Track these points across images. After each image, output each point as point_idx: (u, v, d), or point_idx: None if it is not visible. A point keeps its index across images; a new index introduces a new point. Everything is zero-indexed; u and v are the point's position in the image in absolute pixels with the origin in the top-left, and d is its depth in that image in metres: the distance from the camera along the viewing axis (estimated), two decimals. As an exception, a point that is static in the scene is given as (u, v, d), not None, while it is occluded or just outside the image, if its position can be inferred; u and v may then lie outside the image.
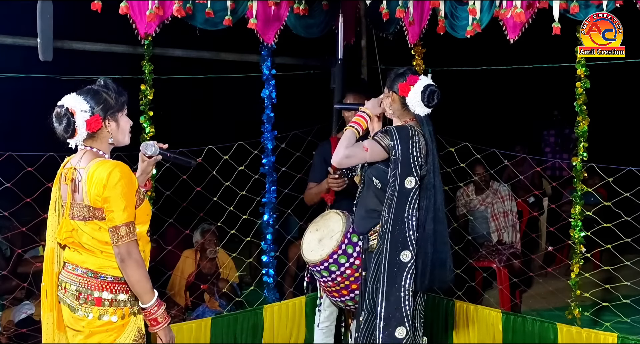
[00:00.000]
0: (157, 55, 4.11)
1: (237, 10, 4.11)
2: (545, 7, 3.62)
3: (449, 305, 4.65)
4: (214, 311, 4.92)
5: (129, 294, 2.70)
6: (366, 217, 3.30)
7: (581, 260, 4.03)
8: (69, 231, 2.70)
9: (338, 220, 3.44)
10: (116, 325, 2.68)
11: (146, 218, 2.78)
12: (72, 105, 2.65)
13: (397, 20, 4.46)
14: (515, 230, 5.52)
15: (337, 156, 3.16)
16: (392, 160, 3.16)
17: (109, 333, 2.67)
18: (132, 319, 2.72)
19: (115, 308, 2.67)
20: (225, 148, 4.45)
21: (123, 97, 2.77)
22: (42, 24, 3.47)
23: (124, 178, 2.62)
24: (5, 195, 3.80)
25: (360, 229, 3.35)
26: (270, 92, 4.53)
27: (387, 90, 3.32)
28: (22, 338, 4.18)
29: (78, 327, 2.68)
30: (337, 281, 3.49)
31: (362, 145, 3.17)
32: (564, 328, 4.10)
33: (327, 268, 3.47)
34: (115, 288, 2.68)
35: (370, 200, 3.29)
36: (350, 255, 3.43)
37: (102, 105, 2.69)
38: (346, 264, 3.43)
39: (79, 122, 2.65)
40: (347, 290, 3.49)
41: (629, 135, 8.89)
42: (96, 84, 2.76)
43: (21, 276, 4.45)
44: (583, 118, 3.97)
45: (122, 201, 2.60)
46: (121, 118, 2.76)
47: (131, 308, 2.72)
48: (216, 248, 5.27)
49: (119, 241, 2.60)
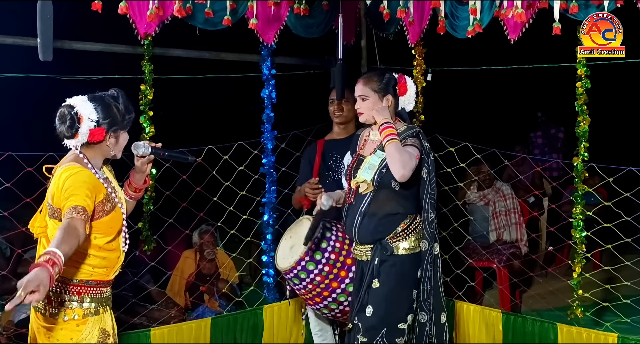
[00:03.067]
0: (157, 55, 4.11)
1: (237, 10, 4.11)
2: (545, 7, 3.62)
3: (449, 305, 4.64)
4: (213, 311, 4.92)
5: (82, 295, 2.68)
6: (385, 222, 3.21)
7: (583, 260, 4.02)
8: (43, 227, 2.72)
9: (308, 226, 3.39)
10: (69, 325, 2.67)
11: (110, 230, 2.74)
12: (82, 111, 2.64)
13: (397, 20, 4.47)
14: (520, 227, 5.49)
15: (406, 170, 3.02)
16: (428, 162, 3.24)
17: (63, 332, 2.67)
18: (90, 320, 2.71)
19: (65, 308, 2.67)
20: (225, 148, 4.45)
21: (130, 115, 2.78)
22: (42, 24, 3.47)
23: (79, 178, 2.59)
24: (5, 195, 3.79)
25: (376, 236, 3.22)
26: (270, 92, 4.53)
27: (380, 95, 3.26)
28: (22, 338, 4.16)
29: (41, 323, 2.70)
30: (308, 288, 3.51)
31: (414, 155, 3.11)
32: (564, 328, 4.09)
33: (297, 276, 3.49)
34: (67, 289, 2.67)
35: (387, 205, 3.21)
36: (318, 262, 3.44)
37: (110, 120, 2.69)
38: (315, 271, 3.44)
39: (83, 130, 2.64)
40: (319, 298, 3.50)
41: (629, 135, 8.90)
42: (109, 94, 2.75)
43: (21, 276, 4.40)
44: (584, 118, 3.96)
45: (78, 190, 2.56)
46: (122, 135, 2.77)
47: (85, 308, 2.70)
48: (214, 249, 5.27)
49: (66, 217, 2.51)
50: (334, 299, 3.51)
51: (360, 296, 3.24)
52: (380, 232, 3.21)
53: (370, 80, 3.29)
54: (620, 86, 7.97)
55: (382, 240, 3.21)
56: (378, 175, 3.19)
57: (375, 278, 3.20)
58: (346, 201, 3.35)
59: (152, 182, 4.13)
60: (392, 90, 3.28)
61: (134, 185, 2.94)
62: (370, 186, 3.22)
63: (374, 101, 3.26)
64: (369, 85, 3.28)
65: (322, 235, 3.52)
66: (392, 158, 3.06)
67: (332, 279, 3.48)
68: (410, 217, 3.23)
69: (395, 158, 3.05)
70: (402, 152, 3.06)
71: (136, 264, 4.76)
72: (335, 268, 3.48)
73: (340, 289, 3.48)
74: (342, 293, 3.49)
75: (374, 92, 3.26)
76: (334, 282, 3.48)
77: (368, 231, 3.23)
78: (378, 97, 3.26)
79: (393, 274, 3.19)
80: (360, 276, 3.30)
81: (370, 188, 3.22)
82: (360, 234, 3.26)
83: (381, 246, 3.20)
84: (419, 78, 4.72)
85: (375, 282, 3.20)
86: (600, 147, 5.05)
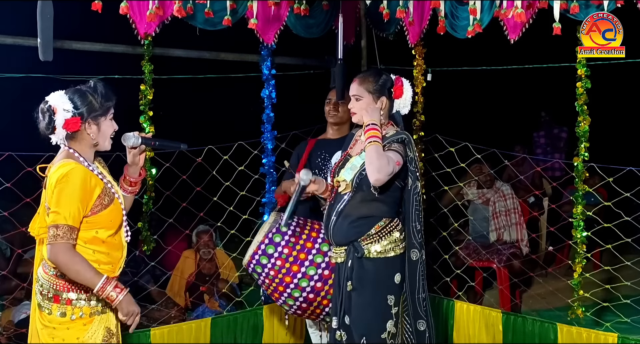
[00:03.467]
0: (157, 55, 4.11)
1: (237, 10, 4.11)
2: (545, 7, 3.62)
3: (449, 305, 4.65)
4: (213, 311, 4.92)
5: (89, 293, 2.69)
6: (359, 224, 3.13)
7: (583, 260, 4.02)
8: (43, 227, 2.71)
9: (270, 221, 3.45)
10: (76, 324, 2.67)
11: (110, 224, 2.74)
12: (55, 103, 2.66)
13: (397, 20, 4.46)
14: (521, 227, 5.48)
15: (381, 174, 2.94)
16: (411, 170, 3.16)
17: (70, 331, 2.67)
18: (96, 319, 2.72)
19: (73, 307, 2.67)
20: (225, 148, 4.45)
21: (110, 102, 2.76)
22: (42, 24, 3.47)
23: (70, 181, 2.59)
24: (5, 195, 3.79)
25: (350, 237, 3.14)
26: (270, 92, 4.53)
27: (374, 96, 3.18)
28: (22, 338, 4.16)
29: (45, 323, 2.69)
30: (266, 283, 3.56)
31: (394, 161, 3.01)
32: (564, 328, 4.09)
33: (254, 270, 3.56)
34: (72, 287, 2.67)
35: (364, 207, 3.12)
36: (271, 256, 3.49)
37: (86, 107, 2.68)
38: (268, 265, 3.50)
39: (59, 121, 2.64)
40: (277, 293, 3.54)
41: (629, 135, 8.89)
42: (86, 85, 2.76)
43: (21, 276, 4.45)
44: (584, 118, 3.96)
45: (57, 202, 2.57)
46: (103, 123, 2.75)
47: (92, 307, 2.71)
48: (210, 250, 5.26)
49: (49, 240, 2.57)
50: (289, 295, 3.54)
51: (341, 300, 3.18)
52: (353, 234, 3.13)
53: (365, 80, 3.21)
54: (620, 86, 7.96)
55: (354, 242, 3.13)
56: (358, 176, 3.11)
57: (349, 281, 3.13)
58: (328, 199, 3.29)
59: (152, 182, 4.13)
60: (388, 92, 3.20)
61: (129, 178, 2.92)
62: (349, 187, 3.15)
63: (367, 102, 3.17)
64: (364, 85, 3.19)
65: (278, 229, 3.56)
66: (369, 160, 2.99)
67: (285, 273, 3.51)
68: (385, 220, 3.14)
69: (372, 160, 2.97)
70: (380, 155, 2.98)
71: (136, 264, 4.76)
72: (288, 262, 3.51)
73: (293, 284, 3.51)
74: (295, 288, 3.52)
75: (368, 93, 3.18)
76: (287, 277, 3.51)
77: (342, 231, 3.16)
78: (372, 98, 3.18)
79: (366, 280, 3.11)
80: (337, 280, 3.24)
81: (349, 188, 3.15)
82: (334, 234, 3.19)
83: (353, 248, 3.13)
84: (419, 78, 4.72)
85: (349, 285, 3.13)
86: (601, 147, 5.04)
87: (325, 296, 3.53)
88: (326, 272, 3.51)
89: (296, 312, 3.65)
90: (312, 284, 3.50)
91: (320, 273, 3.51)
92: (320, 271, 3.51)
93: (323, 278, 3.51)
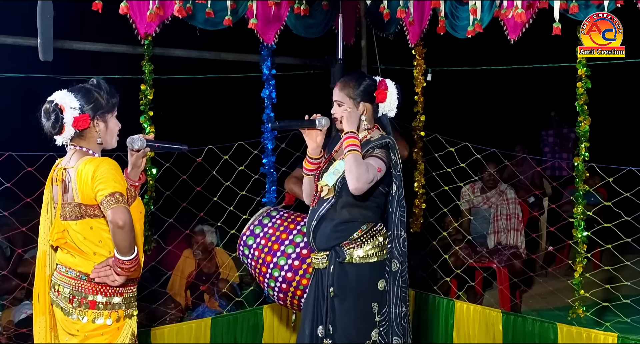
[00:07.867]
0: (157, 55, 4.11)
1: (238, 10, 4.11)
2: (545, 7, 3.62)
3: (449, 305, 4.65)
4: (214, 311, 4.92)
5: (123, 296, 2.69)
6: (342, 229, 3.05)
7: (584, 259, 4.02)
8: (60, 232, 2.67)
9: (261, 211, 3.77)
10: (111, 328, 2.67)
11: (139, 215, 2.77)
12: (62, 102, 2.63)
13: (397, 20, 4.47)
14: (519, 233, 5.45)
15: (360, 183, 2.87)
16: (395, 176, 3.08)
17: (104, 337, 2.66)
18: (127, 322, 2.72)
19: (110, 311, 2.67)
20: (225, 148, 4.45)
21: (114, 99, 2.75)
22: (42, 24, 3.47)
23: (110, 164, 2.60)
24: (5, 195, 3.80)
25: (331, 242, 3.07)
26: (270, 92, 4.53)
27: (355, 102, 3.08)
28: (22, 338, 4.17)
29: (72, 331, 2.66)
30: (252, 265, 3.75)
31: (375, 168, 2.94)
32: (564, 328, 4.10)
33: (243, 253, 3.78)
34: (109, 290, 2.66)
35: (346, 212, 3.05)
36: (257, 236, 3.70)
37: (93, 105, 2.67)
38: (254, 245, 3.70)
39: (67, 119, 2.62)
40: (261, 275, 3.68)
41: (630, 135, 8.89)
42: (89, 83, 2.75)
43: (21, 276, 4.45)
44: (584, 119, 3.96)
45: (106, 180, 2.55)
46: (110, 120, 2.74)
47: (125, 310, 2.71)
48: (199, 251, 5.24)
49: (110, 206, 2.51)
50: (270, 275, 3.64)
51: (326, 308, 3.07)
52: (335, 238, 3.06)
53: (346, 85, 3.10)
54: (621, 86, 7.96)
55: (336, 246, 3.05)
56: (340, 181, 3.03)
57: (331, 287, 3.04)
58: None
59: (152, 182, 4.14)
60: (370, 96, 3.10)
61: (129, 182, 2.90)
62: (331, 192, 3.07)
63: (348, 107, 3.08)
64: (345, 90, 3.10)
65: (268, 213, 3.80)
66: (348, 169, 2.91)
67: (267, 252, 3.66)
68: (368, 225, 3.06)
69: (352, 169, 2.90)
70: (359, 164, 2.90)
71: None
72: (270, 241, 3.68)
73: (273, 263, 3.62)
74: (274, 267, 3.62)
75: (349, 98, 3.09)
76: (268, 256, 3.65)
77: (324, 236, 3.08)
78: (353, 104, 3.08)
79: (349, 286, 3.03)
80: (315, 285, 3.17)
81: (332, 193, 3.07)
82: (316, 238, 3.11)
83: (335, 253, 3.05)
84: (419, 78, 4.73)
85: (331, 291, 3.04)
86: (601, 147, 5.04)
87: (301, 281, 3.58)
88: (304, 251, 3.57)
89: (279, 296, 3.69)
90: (289, 262, 3.60)
91: (299, 252, 3.60)
92: (298, 250, 3.60)
93: (301, 257, 3.58)
